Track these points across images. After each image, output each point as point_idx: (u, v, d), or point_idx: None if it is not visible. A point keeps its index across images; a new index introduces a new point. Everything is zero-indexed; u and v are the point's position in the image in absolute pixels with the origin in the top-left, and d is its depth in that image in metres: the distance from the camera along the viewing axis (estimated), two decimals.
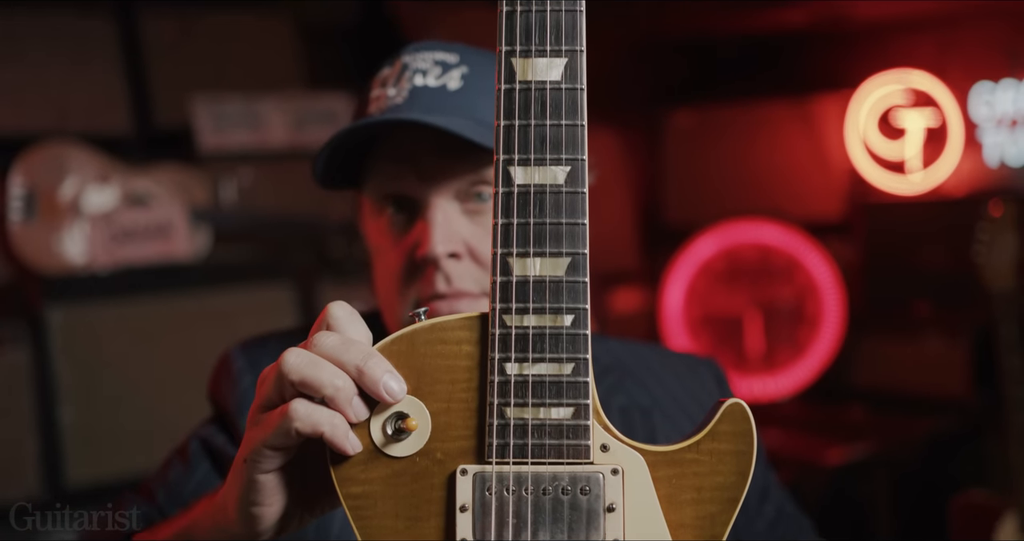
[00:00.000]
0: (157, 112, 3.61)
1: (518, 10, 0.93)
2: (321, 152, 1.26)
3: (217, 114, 3.60)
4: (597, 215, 1.00)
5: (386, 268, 1.29)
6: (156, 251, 3.35)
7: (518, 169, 0.93)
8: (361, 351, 0.90)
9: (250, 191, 3.65)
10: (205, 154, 3.57)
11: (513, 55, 0.93)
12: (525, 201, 0.93)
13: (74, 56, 3.43)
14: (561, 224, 0.93)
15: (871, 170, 4.39)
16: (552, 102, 0.93)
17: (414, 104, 1.25)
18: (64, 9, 3.43)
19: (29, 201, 3.19)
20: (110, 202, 3.31)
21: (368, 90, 1.31)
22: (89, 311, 3.21)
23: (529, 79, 0.93)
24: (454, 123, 1.20)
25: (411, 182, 1.26)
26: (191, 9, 3.70)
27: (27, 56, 3.36)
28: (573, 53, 0.93)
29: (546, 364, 0.91)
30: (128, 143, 3.54)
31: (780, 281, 4.52)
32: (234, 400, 1.33)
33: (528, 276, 0.92)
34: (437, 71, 1.27)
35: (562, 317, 0.92)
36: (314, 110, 3.78)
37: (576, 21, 0.93)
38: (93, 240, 3.25)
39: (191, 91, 3.58)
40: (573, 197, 0.93)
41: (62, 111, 3.40)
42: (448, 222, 1.24)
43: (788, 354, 4.49)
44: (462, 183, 1.25)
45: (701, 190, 4.85)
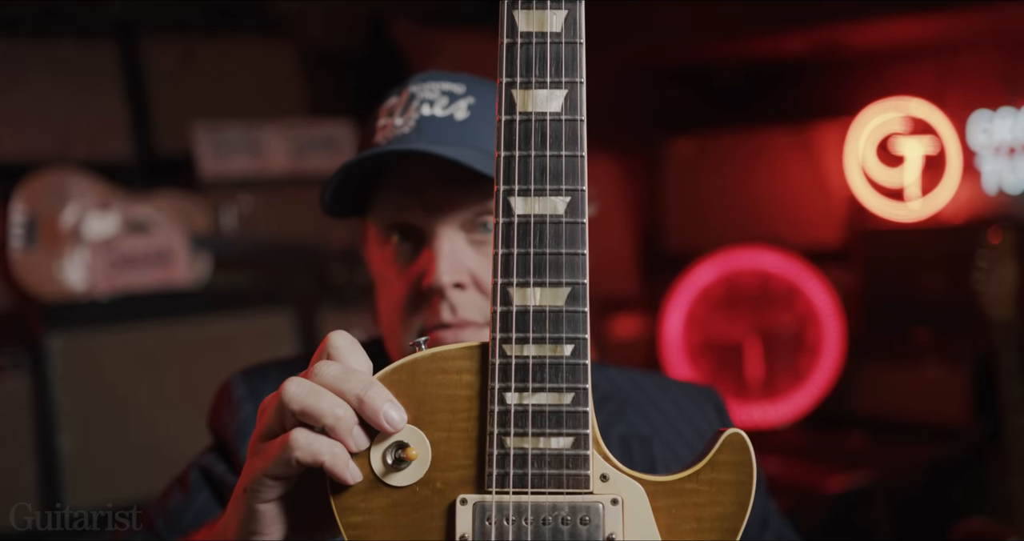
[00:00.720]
0: (158, 139, 3.62)
1: (518, 42, 0.94)
2: (329, 183, 1.26)
3: (218, 141, 3.61)
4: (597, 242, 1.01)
5: (390, 297, 1.30)
6: (157, 278, 3.35)
7: (518, 199, 0.94)
8: (361, 380, 0.90)
9: (251, 217, 3.66)
10: (206, 181, 3.58)
11: (513, 86, 0.94)
12: (525, 231, 0.93)
13: (76, 83, 3.45)
14: (561, 254, 0.93)
15: (870, 197, 4.41)
16: (552, 133, 0.94)
17: (421, 134, 1.25)
18: (67, 36, 3.45)
19: (30, 228, 3.20)
20: (111, 229, 3.32)
21: (375, 119, 1.32)
22: (89, 338, 3.21)
23: (529, 110, 0.94)
24: (461, 153, 1.21)
25: (417, 212, 1.26)
26: (194, 36, 3.72)
27: (30, 83, 3.38)
28: (573, 85, 0.94)
29: (546, 394, 0.92)
30: (129, 170, 3.55)
31: (780, 308, 4.52)
32: (235, 429, 1.33)
33: (528, 306, 0.92)
34: (444, 101, 1.27)
35: (562, 347, 0.92)
36: (315, 137, 3.79)
37: (576, 53, 0.94)
38: (94, 267, 3.25)
39: (193, 118, 3.60)
40: (573, 227, 0.93)
41: (64, 138, 3.41)
42: (454, 252, 1.25)
43: (788, 381, 4.49)
44: (468, 213, 1.26)
45: (701, 217, 4.86)
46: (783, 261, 4.51)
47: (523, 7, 0.94)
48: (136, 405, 3.21)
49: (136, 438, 3.18)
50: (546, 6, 0.94)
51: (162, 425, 3.18)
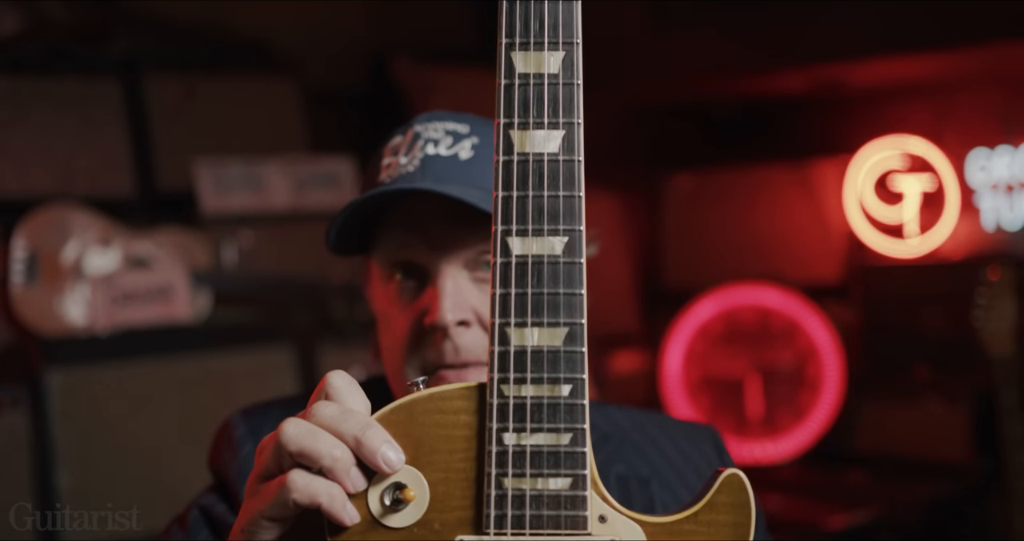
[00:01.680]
0: (160, 175, 3.64)
1: (516, 83, 0.95)
2: (334, 221, 1.27)
3: (219, 177, 3.63)
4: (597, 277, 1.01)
5: (393, 334, 1.30)
6: (157, 313, 3.35)
7: (516, 240, 0.94)
8: (359, 421, 0.90)
9: (251, 253, 3.66)
10: (207, 217, 3.59)
11: (511, 127, 0.95)
12: (523, 271, 0.94)
13: (79, 120, 3.47)
14: (559, 294, 0.94)
15: (869, 234, 4.42)
16: (550, 174, 0.95)
17: (426, 173, 1.26)
18: (70, 74, 3.48)
19: (31, 264, 3.21)
20: (112, 265, 3.33)
21: (380, 158, 1.33)
22: (88, 373, 3.20)
23: (527, 151, 0.95)
24: (465, 192, 1.21)
25: (421, 250, 1.27)
26: (196, 73, 3.75)
27: (33, 120, 3.40)
28: (571, 126, 0.95)
29: (544, 434, 0.91)
30: (131, 206, 3.57)
31: (780, 344, 4.52)
32: (235, 468, 1.33)
33: (526, 346, 0.93)
34: (448, 141, 1.28)
35: (560, 387, 0.92)
36: (316, 173, 3.81)
37: (573, 94, 0.95)
38: (94, 302, 3.25)
39: (194, 154, 3.61)
40: (571, 267, 0.94)
41: (66, 174, 3.43)
42: (458, 290, 1.25)
43: (788, 417, 4.47)
44: (471, 252, 1.26)
45: (700, 253, 4.87)
46: (783, 297, 4.51)
47: (521, 49, 0.95)
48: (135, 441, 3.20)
49: (135, 474, 3.17)
50: (544, 48, 0.95)
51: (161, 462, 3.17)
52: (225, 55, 3.94)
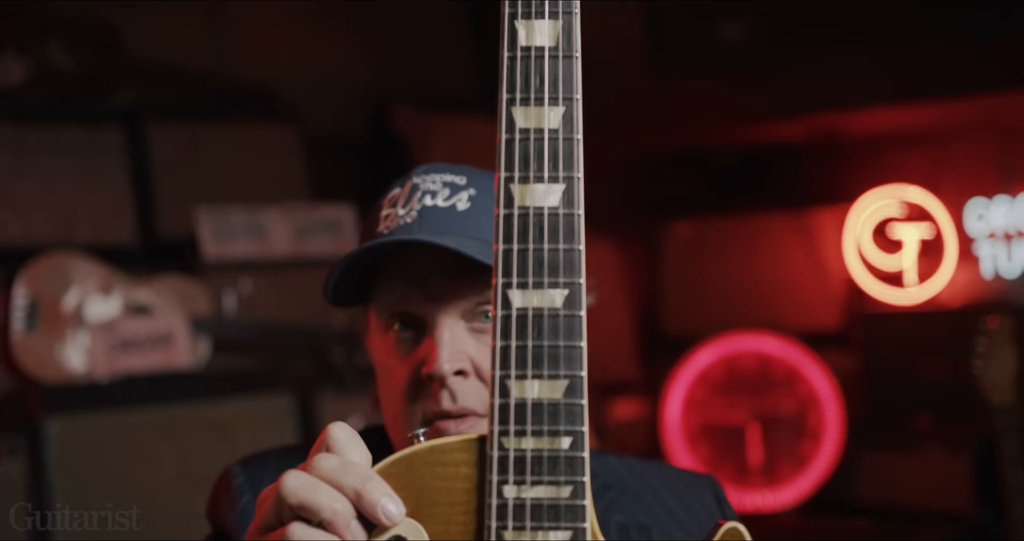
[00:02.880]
0: (162, 223, 3.66)
1: (516, 138, 0.96)
2: (332, 273, 1.28)
3: (220, 224, 3.64)
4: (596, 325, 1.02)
5: (392, 385, 1.30)
6: (157, 360, 3.36)
7: (516, 292, 0.95)
8: (360, 474, 0.90)
9: (252, 300, 3.67)
10: (208, 264, 3.61)
11: (512, 181, 0.96)
12: (523, 324, 0.94)
13: (82, 168, 3.49)
14: (559, 347, 0.94)
15: (868, 281, 4.43)
16: (550, 227, 0.95)
17: (424, 224, 1.27)
18: (74, 123, 3.50)
19: (32, 312, 3.21)
20: (112, 312, 3.33)
21: (378, 209, 1.34)
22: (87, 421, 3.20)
23: (527, 204, 0.95)
24: (462, 243, 1.23)
25: (418, 301, 1.28)
26: (198, 122, 3.78)
27: (36, 167, 3.42)
28: (570, 179, 0.96)
29: (544, 487, 0.92)
30: (132, 253, 3.58)
31: (780, 392, 4.51)
32: (233, 519, 1.33)
33: (526, 398, 0.93)
34: (446, 192, 1.30)
35: (560, 439, 0.92)
36: (317, 220, 3.83)
37: (573, 149, 0.96)
38: (94, 349, 3.26)
39: (196, 202, 3.63)
40: (571, 320, 0.94)
41: (68, 222, 3.44)
42: (455, 341, 1.26)
43: (789, 466, 4.46)
44: (469, 302, 1.27)
45: (700, 301, 4.88)
46: (783, 345, 4.51)
47: (522, 104, 0.96)
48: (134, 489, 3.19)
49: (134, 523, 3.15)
50: (544, 103, 0.96)
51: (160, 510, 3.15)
52: (228, 103, 3.98)
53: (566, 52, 0.96)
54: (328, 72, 4.34)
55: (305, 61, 4.29)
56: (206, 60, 4.09)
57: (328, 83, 4.33)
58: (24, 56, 3.38)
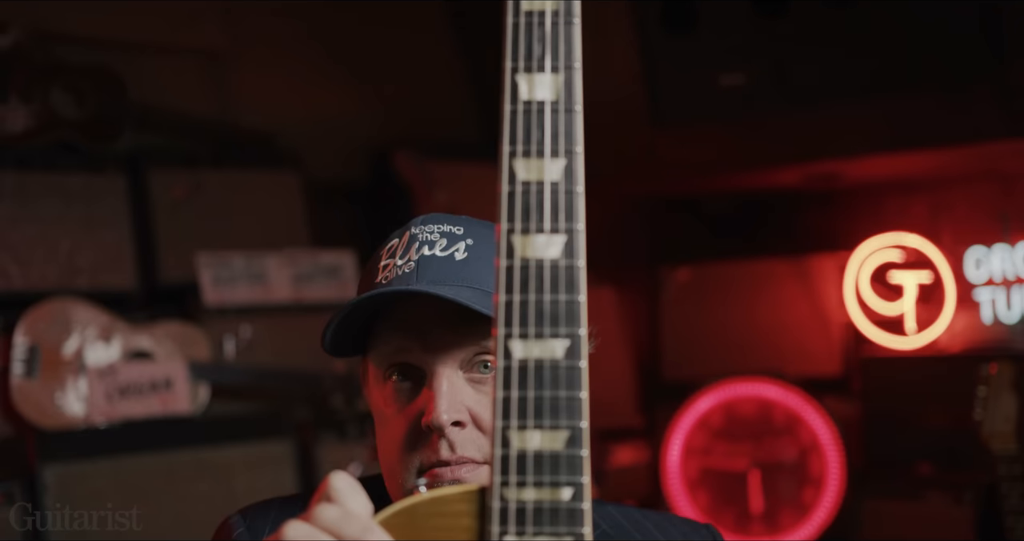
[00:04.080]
0: (163, 268, 3.66)
1: (518, 190, 0.97)
2: (330, 323, 1.29)
3: (221, 270, 3.65)
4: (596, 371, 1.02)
5: (390, 435, 1.31)
6: (156, 406, 3.35)
7: (518, 343, 0.95)
8: (360, 524, 0.90)
9: (251, 346, 3.67)
10: (208, 309, 3.61)
11: (513, 232, 0.96)
12: (524, 375, 0.94)
13: (84, 214, 3.50)
14: (560, 397, 0.94)
15: (868, 327, 4.43)
16: (551, 278, 0.96)
17: (422, 274, 1.28)
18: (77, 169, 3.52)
19: (32, 358, 3.21)
20: (112, 358, 3.33)
21: (377, 260, 1.35)
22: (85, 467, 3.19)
23: (529, 256, 0.96)
24: (459, 293, 1.23)
25: (416, 352, 1.28)
26: (200, 168, 3.79)
27: (38, 214, 3.43)
28: (571, 231, 0.96)
29: (544, 538, 0.92)
30: (133, 299, 3.59)
31: (781, 438, 4.50)
32: None
33: (527, 449, 0.93)
34: (444, 242, 1.31)
35: (561, 491, 0.92)
36: (317, 266, 3.84)
37: (574, 201, 0.97)
38: (93, 396, 3.25)
39: (197, 247, 3.64)
40: (572, 371, 0.95)
41: (69, 268, 3.45)
42: (453, 391, 1.26)
43: (790, 512, 4.43)
44: (467, 353, 1.28)
45: (700, 346, 4.87)
46: (783, 391, 4.50)
47: (523, 156, 0.97)
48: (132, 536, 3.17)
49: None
50: (545, 156, 0.97)
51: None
52: (230, 150, 4.00)
53: (567, 106, 0.97)
54: (330, 118, 4.37)
55: (307, 108, 4.32)
56: (208, 107, 4.12)
57: (330, 129, 4.36)
58: (28, 104, 3.40)
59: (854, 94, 3.99)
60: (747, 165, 4.39)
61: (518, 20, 0.96)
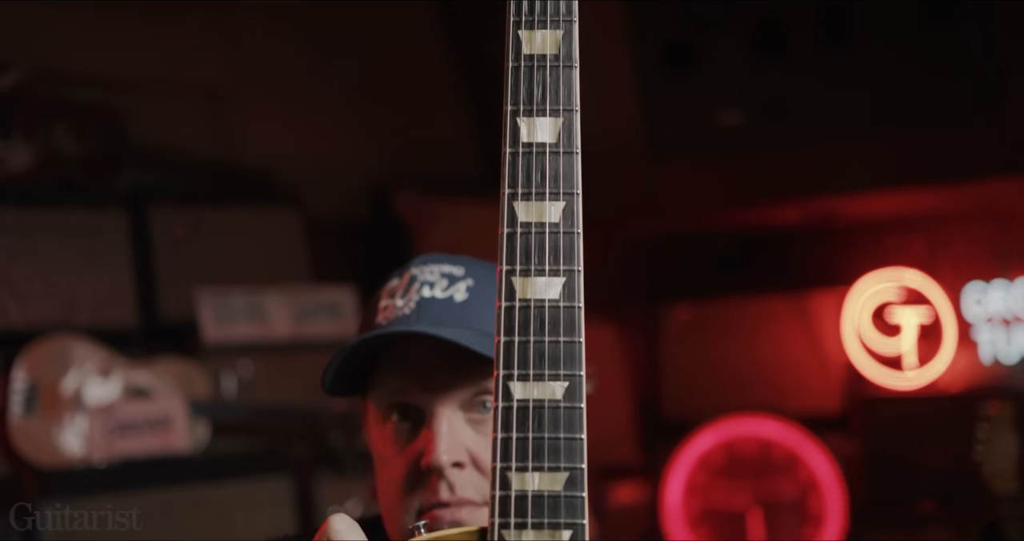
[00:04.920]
0: (163, 305, 3.67)
1: (518, 232, 0.98)
2: (331, 364, 1.29)
3: (221, 307, 3.66)
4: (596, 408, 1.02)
5: (389, 476, 1.31)
6: (155, 444, 3.34)
7: (517, 384, 0.95)
8: None
9: (251, 383, 3.67)
10: (208, 346, 3.61)
11: (513, 274, 0.97)
12: (524, 416, 0.95)
13: (84, 251, 3.51)
14: (559, 439, 0.95)
15: (868, 365, 4.43)
16: (551, 319, 0.96)
17: (421, 315, 1.29)
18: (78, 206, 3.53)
19: (31, 395, 3.21)
20: (111, 395, 3.33)
21: (377, 300, 1.36)
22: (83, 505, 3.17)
23: (528, 297, 0.97)
24: (459, 334, 1.24)
25: (416, 392, 1.29)
26: (202, 205, 3.81)
27: (38, 251, 3.44)
28: (571, 273, 0.97)
29: None
30: (133, 336, 3.59)
31: (781, 477, 4.48)
32: None
33: (527, 491, 0.93)
34: (444, 283, 1.31)
35: (560, 532, 0.92)
36: (318, 303, 3.84)
37: (573, 243, 0.97)
38: (92, 433, 3.25)
39: (198, 284, 3.65)
40: (571, 412, 0.95)
41: (69, 305, 3.45)
42: (452, 432, 1.27)
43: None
44: (466, 393, 1.28)
45: (700, 384, 4.87)
46: (783, 429, 4.49)
47: (523, 199, 0.98)
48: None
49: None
50: (545, 198, 0.98)
51: None
52: (230, 187, 4.02)
53: (567, 148, 0.98)
54: (330, 156, 4.39)
55: (307, 145, 4.34)
56: (209, 144, 4.14)
57: (330, 167, 4.38)
58: (31, 141, 3.42)
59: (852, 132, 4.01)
60: (746, 202, 4.41)
61: (519, 63, 0.98)
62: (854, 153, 4.04)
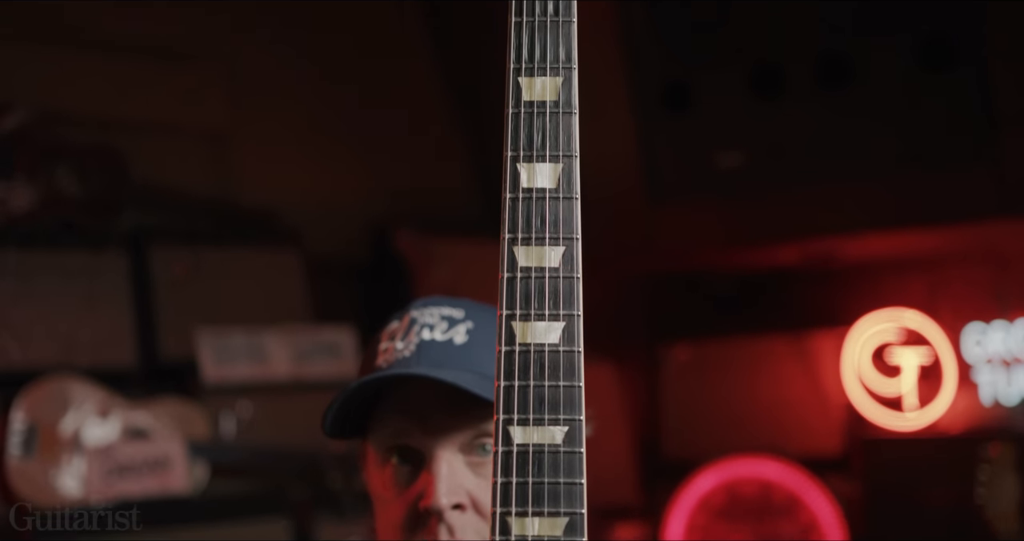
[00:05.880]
0: (162, 345, 3.67)
1: (518, 277, 0.98)
2: (331, 406, 1.29)
3: (221, 347, 3.66)
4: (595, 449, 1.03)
5: (389, 519, 1.31)
6: (153, 485, 3.33)
7: (517, 429, 0.96)
8: None
9: (251, 423, 3.66)
10: (208, 386, 3.61)
11: (513, 318, 0.97)
12: (524, 460, 0.95)
13: (84, 292, 3.52)
14: (559, 484, 0.95)
15: (868, 406, 4.42)
16: (551, 364, 0.97)
17: (421, 358, 1.29)
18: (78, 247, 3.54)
19: (29, 437, 3.20)
20: (110, 436, 3.32)
21: (377, 342, 1.36)
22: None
23: (528, 341, 0.97)
24: (459, 377, 1.24)
25: (416, 435, 1.29)
26: (202, 245, 3.82)
27: (38, 292, 3.45)
28: (570, 317, 0.97)
29: None
30: (132, 376, 3.58)
31: (782, 518, 4.46)
32: None
33: (527, 535, 0.93)
34: (444, 326, 1.32)
35: None
36: (317, 343, 3.84)
37: (573, 287, 0.98)
38: (90, 475, 3.23)
39: (197, 324, 3.65)
40: (571, 457, 0.95)
41: (69, 346, 3.45)
42: (452, 474, 1.27)
43: None
44: (466, 436, 1.28)
45: (700, 425, 4.86)
46: (784, 470, 4.47)
47: (523, 244, 0.98)
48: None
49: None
50: (545, 243, 0.98)
51: None
52: (230, 227, 4.03)
53: (566, 194, 0.98)
54: (330, 195, 4.41)
55: (307, 185, 4.36)
56: (210, 184, 4.16)
57: (330, 206, 4.39)
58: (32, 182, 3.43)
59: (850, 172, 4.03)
60: (745, 243, 4.42)
61: (519, 110, 0.99)
62: (853, 194, 4.06)
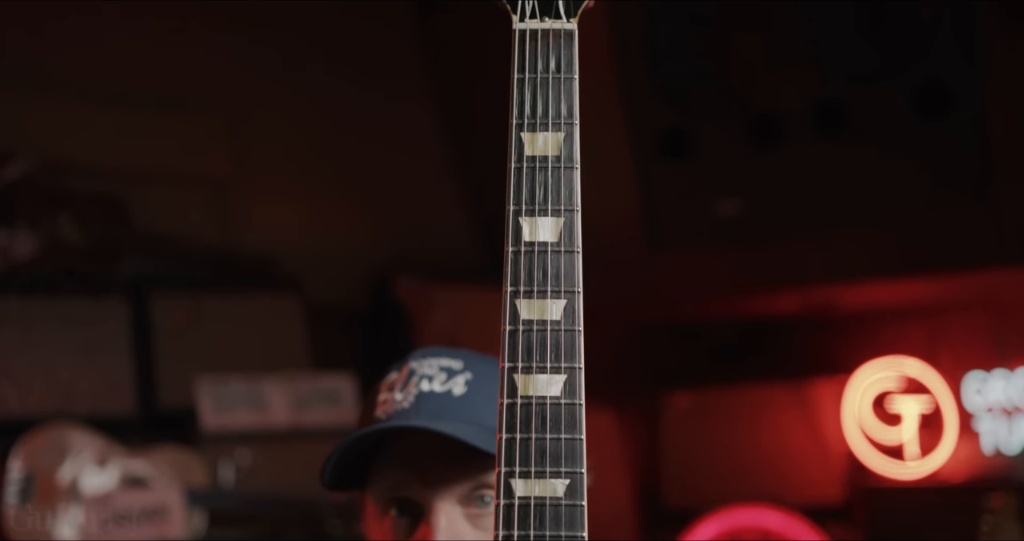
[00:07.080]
0: (162, 393, 3.66)
1: (520, 330, 0.98)
2: (329, 458, 1.29)
3: (220, 395, 3.65)
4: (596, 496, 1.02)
5: None
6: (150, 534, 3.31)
7: (519, 481, 0.96)
8: None
9: (249, 472, 3.65)
10: (207, 434, 3.60)
11: (515, 371, 0.98)
12: (525, 513, 0.95)
13: (85, 339, 3.52)
14: (561, 537, 0.94)
15: (870, 455, 4.40)
16: (552, 417, 0.97)
17: (420, 409, 1.29)
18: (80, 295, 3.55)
19: (27, 485, 3.19)
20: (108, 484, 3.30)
21: (376, 393, 1.36)
22: None
23: (530, 394, 0.97)
24: (458, 429, 1.24)
25: (415, 487, 1.28)
26: (202, 292, 3.82)
27: (39, 340, 3.45)
28: (572, 370, 0.98)
29: None
30: (132, 424, 3.58)
31: None
32: None
33: None
34: (443, 377, 1.32)
35: None
36: (317, 390, 3.84)
37: (574, 340, 0.98)
38: (87, 524, 3.22)
39: (197, 371, 3.65)
40: (572, 510, 0.95)
41: (68, 394, 3.45)
42: (451, 526, 1.26)
43: None
44: (465, 488, 1.28)
45: (700, 473, 4.83)
46: (785, 519, 4.45)
47: (525, 297, 0.99)
48: None
49: None
50: (547, 296, 0.98)
51: None
52: (231, 274, 4.04)
53: (568, 247, 0.99)
54: (330, 243, 4.42)
55: (309, 232, 4.37)
56: (211, 232, 4.17)
57: (330, 254, 4.40)
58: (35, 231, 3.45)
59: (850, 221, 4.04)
60: (745, 291, 4.42)
61: (521, 164, 0.99)
62: (852, 242, 4.07)
